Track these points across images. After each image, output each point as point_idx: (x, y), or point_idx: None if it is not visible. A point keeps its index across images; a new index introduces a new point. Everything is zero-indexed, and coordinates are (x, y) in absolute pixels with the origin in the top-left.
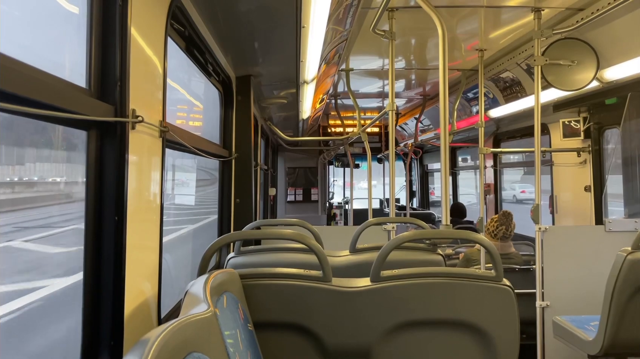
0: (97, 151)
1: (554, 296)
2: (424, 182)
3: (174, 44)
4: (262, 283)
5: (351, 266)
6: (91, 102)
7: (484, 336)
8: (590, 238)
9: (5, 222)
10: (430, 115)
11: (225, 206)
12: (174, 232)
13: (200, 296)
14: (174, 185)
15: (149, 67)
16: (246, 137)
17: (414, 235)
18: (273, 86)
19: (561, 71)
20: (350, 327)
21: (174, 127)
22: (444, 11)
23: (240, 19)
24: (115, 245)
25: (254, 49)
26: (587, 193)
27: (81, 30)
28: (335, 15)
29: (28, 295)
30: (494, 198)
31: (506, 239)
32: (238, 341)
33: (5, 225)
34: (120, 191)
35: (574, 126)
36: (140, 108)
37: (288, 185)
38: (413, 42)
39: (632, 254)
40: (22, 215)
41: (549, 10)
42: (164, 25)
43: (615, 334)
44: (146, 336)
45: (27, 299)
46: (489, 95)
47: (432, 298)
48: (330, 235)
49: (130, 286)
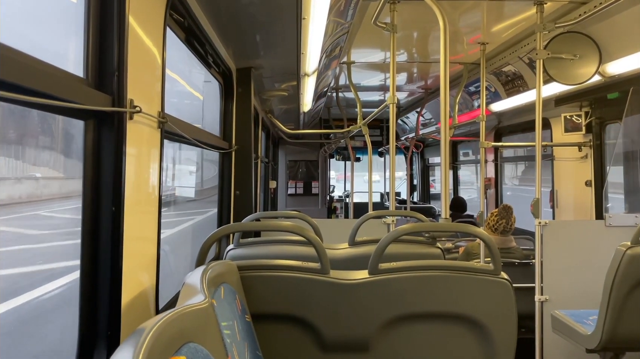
0: (95, 141)
1: (553, 291)
2: (425, 176)
3: (174, 35)
4: (260, 274)
5: (350, 259)
6: (89, 91)
7: (482, 329)
8: (590, 232)
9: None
10: (431, 108)
11: (225, 198)
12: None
13: (198, 287)
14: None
15: (148, 58)
16: (246, 129)
17: (412, 227)
18: (274, 78)
19: (563, 65)
20: (348, 319)
21: (173, 117)
22: (446, 4)
23: (241, 10)
24: (112, 235)
25: (255, 40)
26: (588, 188)
27: (79, 19)
28: (336, 7)
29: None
30: (494, 192)
31: (507, 233)
32: (235, 332)
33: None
34: (118, 182)
35: (576, 120)
36: (138, 99)
37: (289, 178)
38: (415, 35)
39: (631, 249)
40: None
41: (551, 3)
42: (163, 16)
43: (614, 328)
44: (142, 326)
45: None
46: (490, 89)
47: (430, 290)
48: (330, 227)
49: (127, 277)
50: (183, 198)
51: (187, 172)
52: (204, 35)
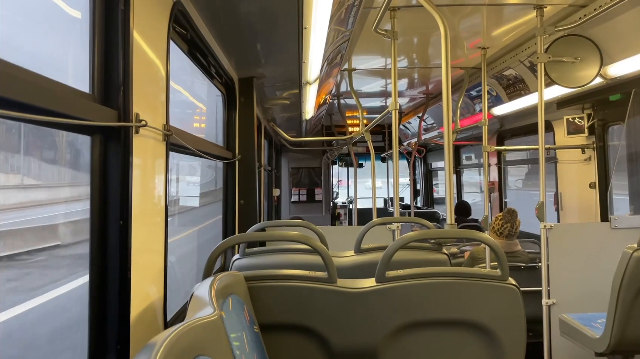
0: (102, 156)
1: (560, 294)
2: (428, 181)
3: (177, 47)
4: (268, 284)
5: (356, 267)
6: (95, 107)
7: (490, 335)
8: (596, 235)
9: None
10: (433, 113)
11: (229, 207)
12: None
13: (206, 299)
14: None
15: (152, 71)
16: (250, 139)
17: (418, 235)
18: (276, 87)
19: (564, 68)
20: (356, 328)
21: (178, 129)
22: (446, 10)
23: (242, 21)
24: (120, 248)
25: (257, 50)
26: (592, 190)
27: (84, 34)
28: (336, 15)
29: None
30: (498, 196)
31: (512, 237)
32: (244, 344)
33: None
34: (125, 196)
35: (578, 123)
36: (143, 112)
37: (292, 186)
38: (415, 41)
39: (638, 251)
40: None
41: (551, 7)
42: (167, 29)
43: (622, 331)
44: (152, 340)
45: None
46: (492, 93)
47: (438, 298)
48: (335, 235)
49: (136, 290)
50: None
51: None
52: (207, 47)
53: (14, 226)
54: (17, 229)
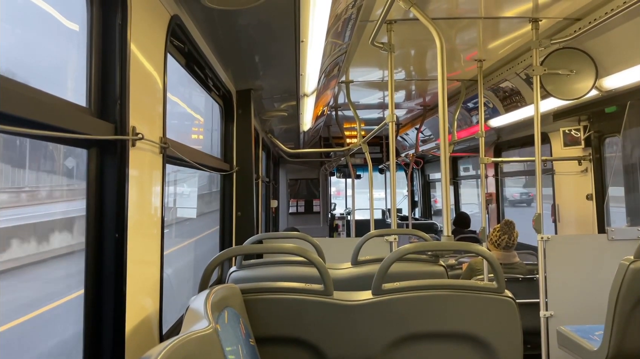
0: (98, 169)
1: (558, 306)
2: (426, 192)
3: (174, 60)
4: (264, 297)
5: (353, 279)
6: (92, 121)
7: (487, 348)
8: (593, 246)
9: None
10: (431, 125)
11: (226, 219)
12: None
13: (201, 312)
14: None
15: (149, 84)
16: (247, 150)
17: (415, 247)
18: (273, 99)
19: (560, 80)
20: (352, 341)
21: (175, 142)
22: (442, 23)
23: (240, 34)
24: (115, 261)
25: (254, 63)
26: (589, 201)
27: (81, 47)
28: (333, 29)
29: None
30: (496, 208)
31: (509, 248)
32: (240, 357)
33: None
34: (121, 209)
35: (575, 134)
36: (140, 126)
37: (290, 197)
38: (412, 54)
39: (634, 263)
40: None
41: (546, 20)
42: (164, 42)
43: (620, 343)
44: (147, 354)
45: None
46: (488, 105)
47: (434, 310)
48: (332, 247)
49: (131, 303)
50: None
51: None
52: (204, 60)
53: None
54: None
